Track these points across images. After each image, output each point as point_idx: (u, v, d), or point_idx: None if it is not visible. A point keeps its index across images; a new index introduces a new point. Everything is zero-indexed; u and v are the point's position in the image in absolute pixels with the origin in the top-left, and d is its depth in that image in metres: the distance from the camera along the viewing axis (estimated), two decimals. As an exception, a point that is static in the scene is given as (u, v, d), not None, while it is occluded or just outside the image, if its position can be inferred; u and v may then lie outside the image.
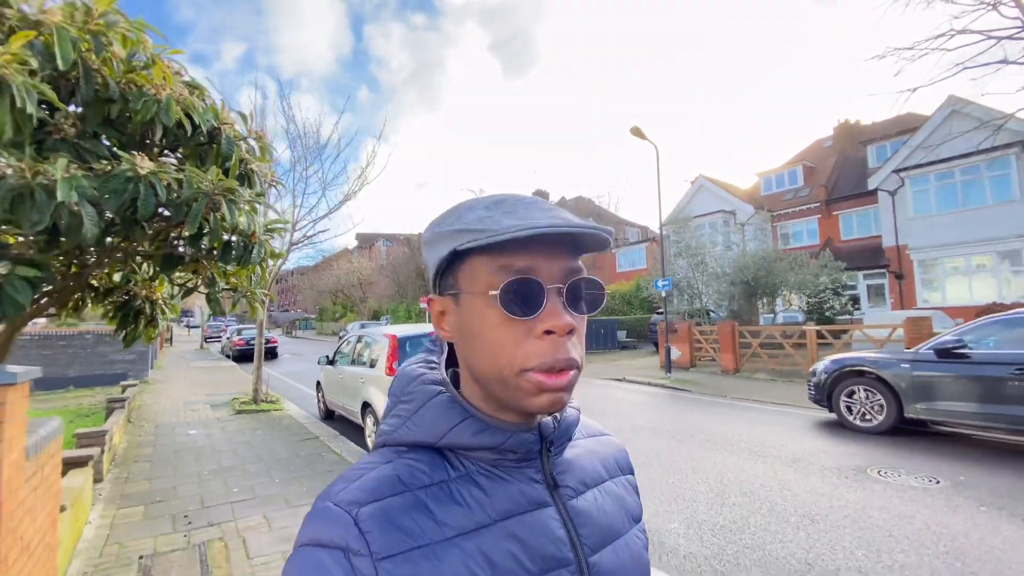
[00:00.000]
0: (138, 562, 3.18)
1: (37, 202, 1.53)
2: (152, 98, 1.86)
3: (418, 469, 0.53)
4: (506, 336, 0.50)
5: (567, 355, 0.50)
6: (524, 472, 0.56)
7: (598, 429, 0.72)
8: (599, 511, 0.59)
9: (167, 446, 6.18)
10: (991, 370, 5.46)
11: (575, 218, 0.51)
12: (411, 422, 0.56)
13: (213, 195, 1.92)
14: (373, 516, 0.47)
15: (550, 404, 0.51)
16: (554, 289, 0.50)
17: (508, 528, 0.52)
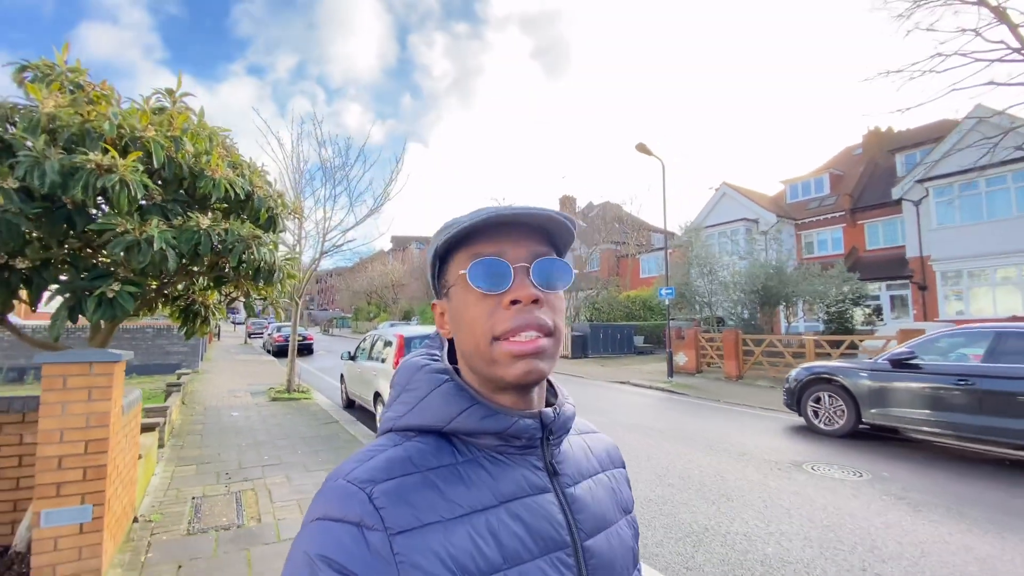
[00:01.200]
0: (191, 501, 4.23)
1: (142, 249, 2.52)
2: (209, 179, 2.84)
3: (426, 451, 0.55)
4: (480, 311, 0.55)
5: (534, 320, 0.55)
6: (526, 459, 0.59)
7: (590, 427, 0.76)
8: (593, 500, 0.62)
9: (214, 424, 7.37)
10: (937, 380, 5.94)
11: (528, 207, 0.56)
12: (418, 408, 0.58)
13: (247, 240, 2.89)
14: (387, 493, 0.50)
15: (524, 372, 0.54)
16: (521, 268, 0.56)
17: (513, 509, 0.54)
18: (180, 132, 2.86)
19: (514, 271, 0.56)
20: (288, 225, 6.53)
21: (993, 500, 4.42)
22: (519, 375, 0.54)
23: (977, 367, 5.70)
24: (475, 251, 0.57)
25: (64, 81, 2.84)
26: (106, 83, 3.05)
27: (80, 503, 2.86)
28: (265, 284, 3.28)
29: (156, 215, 2.74)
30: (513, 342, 0.54)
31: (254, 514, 3.98)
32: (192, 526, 3.74)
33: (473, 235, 0.57)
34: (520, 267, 0.56)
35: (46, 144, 2.40)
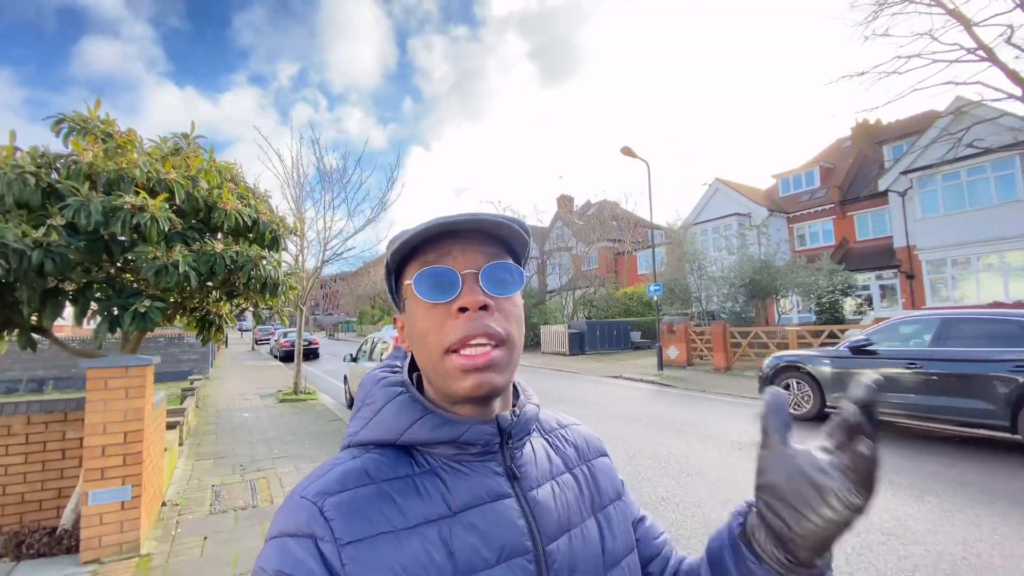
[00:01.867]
0: (211, 488, 4.79)
1: (169, 271, 3.07)
2: (221, 210, 3.40)
3: (383, 463, 0.55)
4: (430, 322, 0.55)
5: (483, 328, 0.53)
6: (486, 465, 0.58)
7: (568, 420, 0.75)
8: (556, 502, 0.60)
9: (227, 424, 7.95)
10: (890, 364, 6.44)
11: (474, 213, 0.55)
12: (374, 422, 0.58)
13: (254, 259, 3.44)
14: (339, 505, 0.50)
15: (475, 387, 0.53)
16: (469, 275, 0.55)
17: (468, 519, 0.53)
18: (196, 172, 3.42)
19: (462, 278, 0.54)
20: (290, 240, 7.12)
21: (927, 471, 4.93)
22: (470, 389, 0.53)
23: (925, 351, 6.20)
24: (423, 260, 0.56)
25: (97, 132, 3.40)
26: (132, 130, 3.61)
27: (121, 484, 3.42)
28: (270, 296, 3.84)
29: (178, 242, 3.30)
30: (464, 355, 0.53)
31: (267, 497, 4.54)
32: (213, 507, 4.30)
33: (423, 246, 0.56)
34: (468, 274, 0.55)
35: (89, 189, 2.95)
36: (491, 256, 0.57)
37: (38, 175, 2.97)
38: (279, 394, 10.82)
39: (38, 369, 13.93)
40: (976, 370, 5.66)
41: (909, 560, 3.21)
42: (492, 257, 0.57)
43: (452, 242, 0.56)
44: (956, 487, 4.45)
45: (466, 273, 0.55)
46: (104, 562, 3.30)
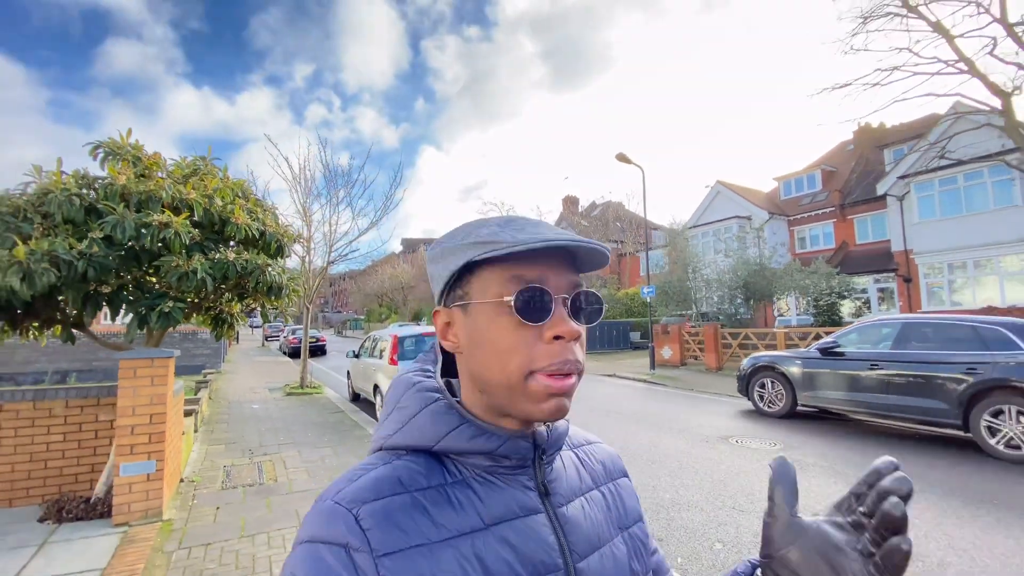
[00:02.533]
0: (223, 468, 5.36)
1: (190, 277, 3.61)
2: (234, 224, 3.94)
3: (416, 472, 0.54)
4: (518, 341, 0.53)
5: (575, 358, 0.54)
6: (518, 479, 0.57)
7: (589, 438, 0.74)
8: (586, 519, 0.60)
9: (237, 414, 8.54)
10: (854, 365, 6.85)
11: (579, 237, 0.54)
12: (408, 427, 0.57)
13: (261, 266, 3.98)
14: (373, 514, 0.49)
15: (555, 410, 0.53)
16: (560, 299, 0.54)
17: (502, 533, 0.53)
18: (212, 191, 3.97)
19: (555, 302, 0.54)
20: (297, 243, 7.67)
21: (848, 449, 5.35)
22: (549, 413, 0.53)
23: (886, 353, 6.60)
24: (516, 273, 0.53)
25: (128, 157, 3.95)
26: (157, 154, 4.17)
27: (147, 459, 3.98)
28: (275, 298, 4.38)
29: (197, 252, 3.84)
30: (552, 378, 0.53)
31: (272, 476, 5.09)
32: (225, 484, 4.86)
33: (516, 257, 0.53)
34: (560, 299, 0.54)
35: (124, 208, 3.50)
36: (575, 280, 0.57)
37: (81, 196, 3.53)
38: (286, 388, 11.44)
39: (62, 362, 14.71)
40: (932, 371, 6.07)
41: (828, 535, 3.67)
42: (577, 282, 0.57)
43: (545, 260, 0.55)
44: (895, 477, 4.87)
45: (558, 298, 0.54)
46: (133, 525, 3.86)
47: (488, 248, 0.53)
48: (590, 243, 0.53)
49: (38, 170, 3.73)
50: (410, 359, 7.82)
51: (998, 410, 5.53)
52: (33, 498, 4.39)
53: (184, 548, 3.54)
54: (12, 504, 4.35)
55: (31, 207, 3.52)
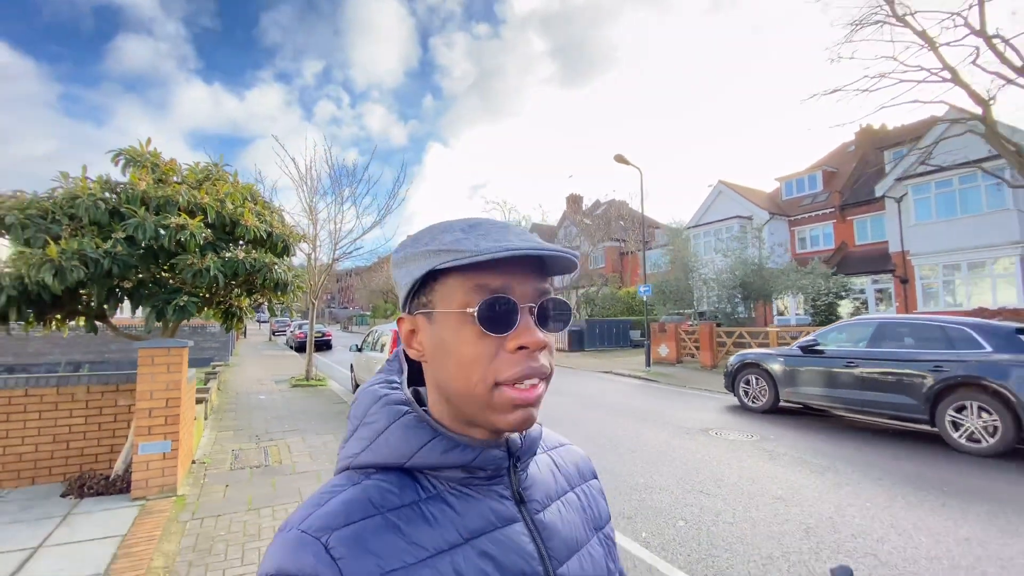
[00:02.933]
0: (231, 452, 5.75)
1: (203, 274, 3.98)
2: (243, 226, 4.30)
3: (387, 491, 0.53)
4: (481, 352, 0.52)
5: (539, 368, 0.53)
6: (493, 489, 0.57)
7: (559, 440, 0.74)
8: (563, 523, 0.60)
9: (245, 404, 8.95)
10: (832, 363, 7.15)
11: (544, 243, 0.54)
12: (376, 443, 0.56)
13: (268, 265, 4.34)
14: (344, 541, 0.47)
15: (521, 421, 0.52)
16: (526, 308, 0.53)
17: (480, 546, 0.52)
18: (223, 195, 4.34)
19: (521, 311, 0.53)
20: (304, 241, 8.07)
21: (842, 454, 5.66)
22: (515, 424, 0.53)
23: (862, 351, 6.90)
24: (479, 282, 0.52)
25: (147, 163, 4.32)
26: (173, 160, 4.55)
27: (163, 439, 4.37)
28: (281, 294, 4.76)
29: (210, 251, 4.22)
30: (516, 389, 0.52)
31: (277, 459, 5.48)
32: (233, 465, 5.25)
33: (480, 265, 0.51)
34: (526, 307, 0.53)
35: (144, 211, 3.87)
36: (542, 286, 0.56)
37: (106, 200, 3.90)
38: (292, 380, 11.85)
39: (75, 354, 15.23)
40: (902, 369, 6.36)
41: (785, 517, 4.00)
42: (544, 289, 0.56)
43: (511, 268, 0.53)
44: (859, 467, 5.19)
45: (523, 307, 0.53)
46: (150, 499, 4.25)
47: (451, 256, 0.52)
48: (554, 250, 0.52)
49: (65, 176, 4.11)
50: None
51: (961, 406, 5.82)
52: (55, 477, 4.79)
53: (196, 519, 3.92)
54: (35, 482, 4.75)
55: (59, 210, 3.90)
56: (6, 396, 4.63)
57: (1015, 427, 5.42)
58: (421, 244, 0.56)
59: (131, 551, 3.34)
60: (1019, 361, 5.51)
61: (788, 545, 3.53)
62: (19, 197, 3.84)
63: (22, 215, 3.64)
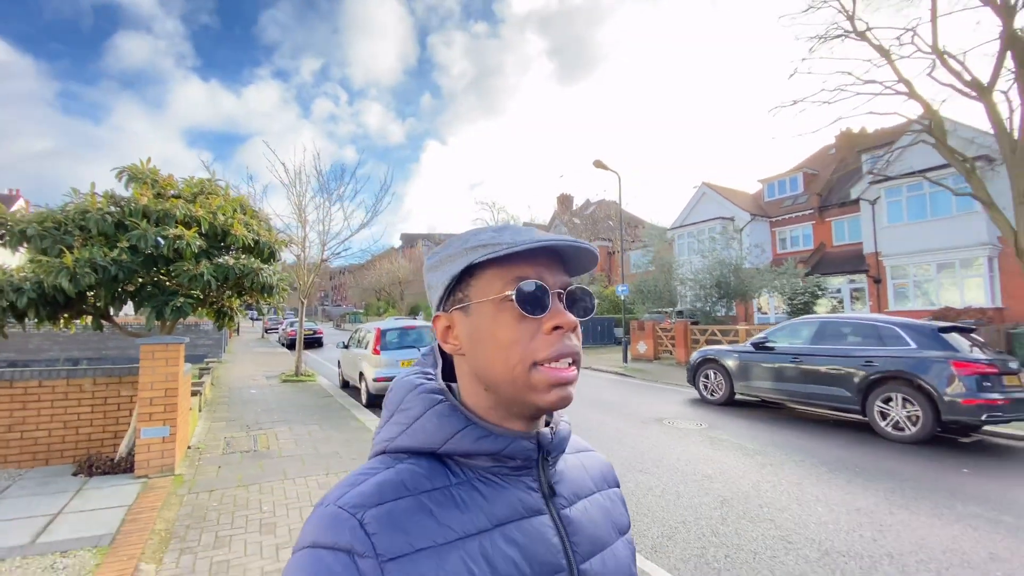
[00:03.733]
0: (223, 439, 6.30)
1: (198, 278, 4.52)
2: (234, 236, 4.84)
3: (420, 474, 0.55)
4: (520, 333, 0.56)
5: (573, 348, 0.57)
6: (522, 480, 0.59)
7: (585, 446, 0.76)
8: (589, 521, 0.62)
9: (237, 398, 9.49)
10: (780, 358, 7.77)
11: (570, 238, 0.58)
12: (411, 429, 0.58)
13: (256, 270, 4.90)
14: (378, 519, 0.50)
15: (559, 399, 0.55)
16: (555, 294, 0.58)
17: (507, 533, 0.54)
18: (216, 208, 4.88)
19: (552, 296, 0.57)
20: (293, 242, 8.58)
21: (777, 440, 6.28)
22: (555, 402, 0.55)
23: (806, 348, 7.52)
24: (516, 273, 0.57)
25: (147, 179, 4.86)
26: (171, 175, 5.09)
27: (163, 425, 4.91)
28: (268, 295, 5.31)
29: (204, 258, 4.76)
30: (554, 368, 0.55)
31: (265, 445, 6.03)
32: (225, 450, 5.80)
33: (513, 258, 0.56)
34: (556, 293, 0.58)
35: (146, 223, 4.42)
36: (566, 278, 0.60)
37: (112, 213, 4.44)
38: (282, 376, 12.39)
39: (73, 351, 15.69)
40: (839, 364, 6.99)
41: (708, 491, 4.60)
42: (567, 281, 0.60)
43: (539, 259, 0.58)
44: (787, 451, 5.81)
45: (554, 293, 0.57)
46: (151, 477, 4.80)
47: (489, 250, 0.56)
48: (579, 243, 0.57)
49: (76, 192, 4.65)
50: (392, 350, 8.76)
51: (888, 397, 6.45)
52: (66, 459, 5.33)
53: (192, 493, 4.48)
54: (48, 463, 5.29)
55: (71, 222, 4.44)
56: (22, 387, 5.17)
57: (934, 417, 6.05)
58: (456, 246, 0.61)
59: (137, 517, 3.90)
60: (939, 357, 6.14)
61: (702, 513, 4.13)
62: (38, 212, 4.37)
63: (40, 227, 4.18)
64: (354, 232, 12.61)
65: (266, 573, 3.14)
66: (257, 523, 3.88)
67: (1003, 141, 8.91)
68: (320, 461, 5.40)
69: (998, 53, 8.86)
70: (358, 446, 6.01)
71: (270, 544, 3.52)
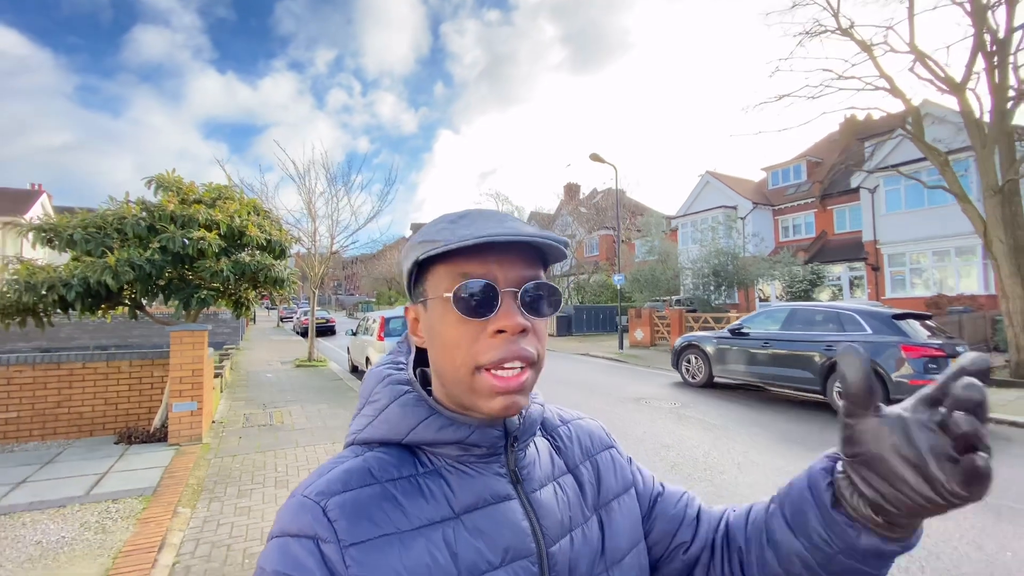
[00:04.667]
0: (243, 415, 7.09)
1: (219, 274, 5.23)
2: (249, 236, 5.55)
3: (388, 462, 0.56)
4: (462, 335, 0.54)
5: (519, 352, 0.53)
6: (490, 467, 0.58)
7: (572, 415, 0.75)
8: (559, 503, 0.61)
9: (254, 380, 10.33)
10: (753, 343, 8.33)
11: (528, 229, 0.55)
12: (378, 420, 0.59)
13: (268, 265, 5.61)
14: (341, 505, 0.51)
15: (504, 408, 0.54)
16: (509, 292, 0.54)
17: (473, 521, 0.55)
18: (233, 212, 5.60)
19: (501, 296, 0.54)
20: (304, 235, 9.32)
21: (740, 417, 6.88)
22: (498, 410, 0.54)
23: (775, 334, 8.07)
24: (462, 269, 0.54)
25: (173, 187, 5.57)
26: (192, 183, 5.80)
27: (191, 400, 5.68)
28: (280, 288, 6.04)
29: (224, 256, 5.48)
30: (496, 376, 0.53)
31: (279, 420, 6.81)
32: (244, 424, 6.58)
33: (460, 251, 0.53)
34: (508, 292, 0.54)
35: (174, 227, 5.14)
36: (529, 273, 0.56)
37: (144, 219, 5.16)
38: (296, 361, 13.24)
39: (102, 339, 16.75)
40: (804, 349, 7.54)
41: (662, 457, 5.24)
42: (530, 275, 0.56)
43: (491, 252, 0.54)
44: (745, 426, 6.41)
45: (506, 291, 0.54)
46: (182, 445, 5.58)
47: (429, 247, 0.54)
48: (527, 236, 0.53)
49: (112, 199, 5.38)
50: (395, 336, 9.48)
51: (845, 378, 6.99)
52: (107, 431, 6.13)
53: (218, 457, 5.25)
54: (92, 434, 6.10)
55: (110, 227, 5.17)
56: (68, 368, 5.97)
57: (884, 397, 6.58)
58: (416, 238, 0.58)
59: (173, 475, 4.67)
60: (889, 342, 6.67)
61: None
62: (80, 217, 5.12)
63: (84, 232, 4.92)
64: (361, 226, 13.34)
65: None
66: (273, 480, 4.62)
67: (974, 136, 9.27)
68: (328, 432, 6.15)
69: (970, 52, 9.17)
70: (361, 421, 6.76)
71: (284, 496, 4.26)
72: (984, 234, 9.25)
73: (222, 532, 3.62)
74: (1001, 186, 8.95)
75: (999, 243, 9.03)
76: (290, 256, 6.47)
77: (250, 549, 3.36)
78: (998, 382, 8.88)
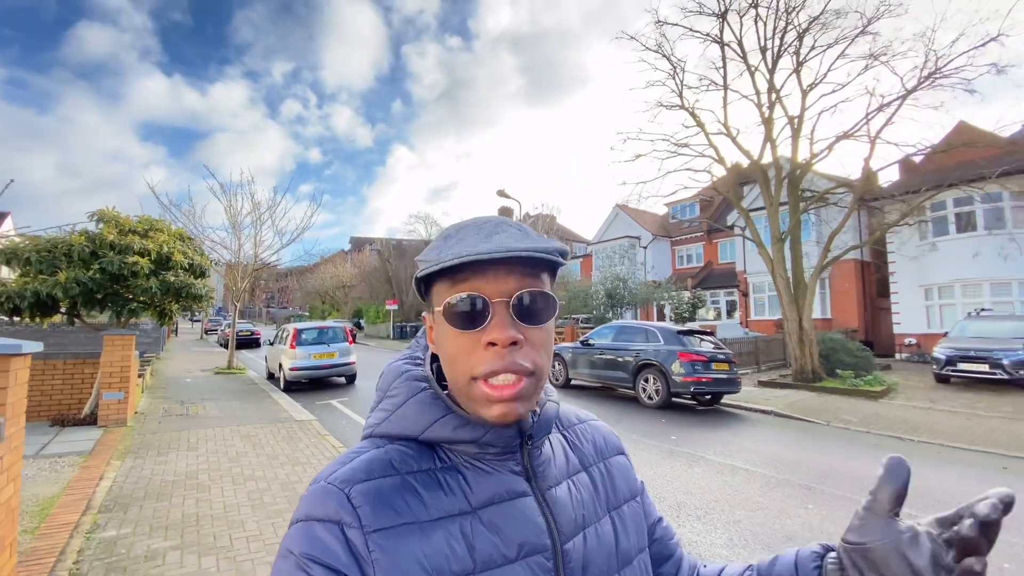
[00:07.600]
0: (162, 408, 8.47)
1: (148, 291, 6.75)
2: (175, 262, 7.10)
3: (407, 455, 0.58)
4: (459, 347, 0.56)
5: (512, 364, 0.54)
6: (505, 464, 0.60)
7: (584, 417, 0.78)
8: (573, 500, 0.63)
9: (174, 384, 11.50)
10: (593, 351, 10.65)
11: (513, 243, 0.56)
12: (396, 416, 0.61)
13: (189, 284, 7.17)
14: (365, 493, 0.53)
15: (501, 415, 0.55)
16: (500, 303, 0.55)
17: (489, 516, 0.56)
18: (162, 242, 7.16)
19: (493, 307, 0.55)
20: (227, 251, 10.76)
21: (584, 406, 9.05)
22: (496, 417, 0.56)
23: (607, 344, 10.43)
24: (452, 284, 0.57)
25: (111, 220, 7.07)
26: (128, 216, 7.31)
27: (119, 391, 7.11)
28: (199, 302, 7.60)
29: (153, 276, 7.01)
30: (491, 385, 0.55)
31: (195, 412, 8.26)
32: (164, 414, 8.00)
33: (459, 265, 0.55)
34: (500, 303, 0.55)
35: (112, 253, 6.64)
36: (524, 281, 0.57)
37: (88, 246, 6.65)
38: (215, 369, 14.33)
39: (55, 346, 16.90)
40: (622, 356, 9.91)
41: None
42: (525, 283, 0.57)
43: (484, 268, 0.56)
44: (567, 412, 8.57)
45: (497, 302, 0.55)
46: (110, 428, 6.97)
47: (423, 265, 0.58)
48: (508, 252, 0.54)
49: (60, 229, 6.81)
50: (308, 345, 11.03)
51: (647, 377, 9.40)
52: (43, 417, 7.38)
53: (140, 434, 6.72)
54: (29, 420, 7.33)
55: (58, 251, 6.60)
56: (10, 365, 7.21)
57: (667, 390, 9.01)
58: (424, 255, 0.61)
59: (104, 445, 6.14)
60: (672, 350, 9.13)
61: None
62: (34, 241, 6.52)
63: (38, 255, 6.34)
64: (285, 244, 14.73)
65: (189, 467, 5.50)
66: (186, 446, 6.20)
67: (766, 196, 12.29)
68: (235, 419, 7.70)
69: (764, 133, 12.25)
70: (266, 412, 8.34)
71: (193, 457, 5.87)
72: (771, 271, 12.20)
73: (145, 472, 5.23)
74: (782, 235, 11.94)
75: (780, 279, 12.00)
76: (217, 271, 8.03)
77: (166, 479, 5.01)
78: (781, 384, 11.72)
